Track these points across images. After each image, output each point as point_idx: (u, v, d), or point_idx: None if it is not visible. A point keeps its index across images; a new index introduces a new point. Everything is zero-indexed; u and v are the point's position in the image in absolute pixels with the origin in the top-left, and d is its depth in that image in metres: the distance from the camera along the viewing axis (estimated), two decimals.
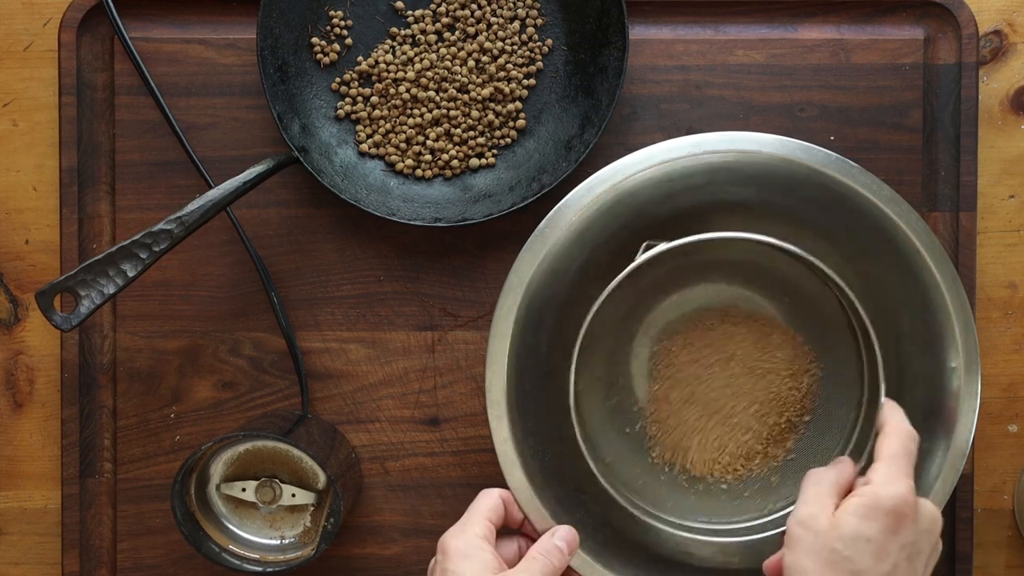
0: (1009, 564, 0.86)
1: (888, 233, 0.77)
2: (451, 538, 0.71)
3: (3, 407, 0.86)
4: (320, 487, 0.81)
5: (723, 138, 0.77)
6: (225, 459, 0.80)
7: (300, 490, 0.80)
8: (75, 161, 0.84)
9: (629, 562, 0.78)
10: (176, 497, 0.77)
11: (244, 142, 0.85)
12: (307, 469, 0.81)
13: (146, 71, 0.83)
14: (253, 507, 0.81)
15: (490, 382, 0.77)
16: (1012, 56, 0.86)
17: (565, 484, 0.79)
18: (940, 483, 0.77)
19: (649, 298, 0.83)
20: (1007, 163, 0.86)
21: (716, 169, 0.78)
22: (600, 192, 0.77)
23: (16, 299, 0.86)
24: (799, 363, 0.82)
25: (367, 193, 0.83)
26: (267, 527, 0.81)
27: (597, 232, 0.78)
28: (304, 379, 0.84)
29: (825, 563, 0.66)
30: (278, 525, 0.81)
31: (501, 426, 0.77)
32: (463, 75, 0.84)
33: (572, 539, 0.74)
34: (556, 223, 0.77)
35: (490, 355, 0.77)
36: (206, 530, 0.79)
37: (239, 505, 0.81)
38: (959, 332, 0.77)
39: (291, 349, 0.83)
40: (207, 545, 0.78)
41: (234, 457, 0.80)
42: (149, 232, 0.77)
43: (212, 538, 0.79)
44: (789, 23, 0.85)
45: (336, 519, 0.78)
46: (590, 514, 0.79)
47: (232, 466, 0.81)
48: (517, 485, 0.76)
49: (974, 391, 0.77)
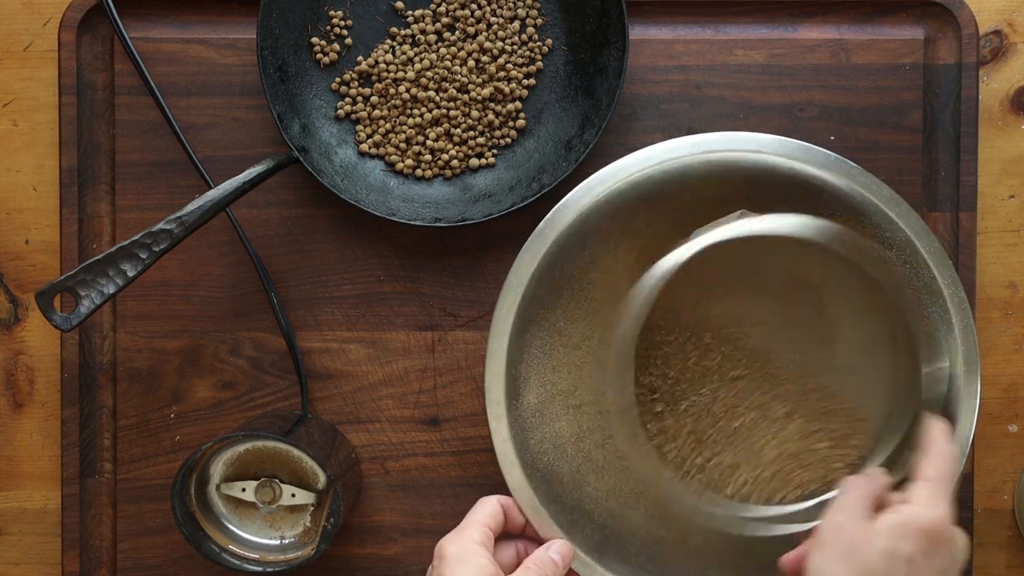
0: (1009, 564, 0.86)
1: (887, 233, 0.77)
2: (448, 543, 0.71)
3: (3, 407, 0.86)
4: (320, 487, 0.81)
5: (723, 138, 0.77)
6: (225, 459, 0.80)
7: (300, 490, 0.80)
8: (75, 161, 0.84)
9: (627, 562, 0.78)
10: (176, 497, 0.77)
11: (244, 142, 0.85)
12: (307, 469, 0.81)
13: (145, 70, 0.83)
14: (253, 507, 0.81)
15: (489, 382, 0.77)
16: (1012, 56, 0.86)
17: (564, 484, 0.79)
18: None
19: None
20: (1007, 163, 0.86)
21: (715, 169, 0.78)
22: (600, 192, 0.77)
23: (16, 299, 0.86)
24: None
25: (367, 193, 0.83)
26: (267, 527, 0.81)
27: (597, 232, 0.78)
28: (304, 379, 0.84)
29: (855, 574, 0.66)
30: (278, 525, 0.81)
31: (501, 426, 0.77)
32: (463, 75, 0.84)
33: (567, 553, 0.75)
34: (555, 223, 0.77)
35: (490, 355, 0.77)
36: (206, 530, 0.79)
37: (239, 505, 0.81)
38: (958, 332, 0.77)
39: (291, 349, 0.83)
40: (207, 545, 0.78)
41: (234, 457, 0.80)
42: (149, 232, 0.77)
43: (212, 538, 0.79)
44: (789, 23, 0.85)
45: (336, 519, 0.78)
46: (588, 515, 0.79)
47: (232, 466, 0.81)
48: (517, 485, 0.76)
49: (974, 391, 0.77)
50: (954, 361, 0.77)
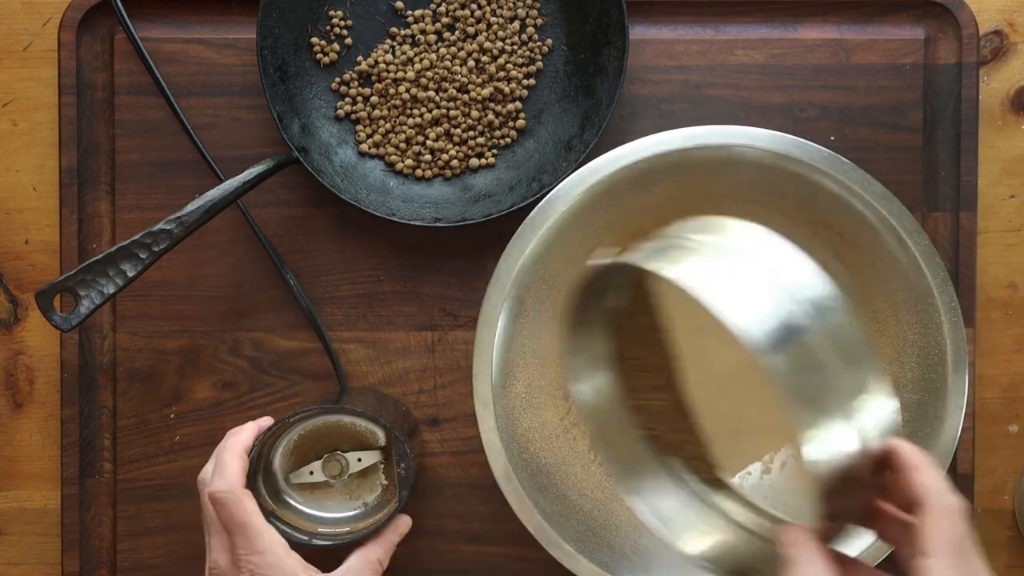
0: (1009, 564, 0.86)
1: (878, 230, 0.78)
2: None
3: (3, 407, 0.86)
4: (382, 443, 0.79)
5: (716, 132, 0.78)
6: (283, 450, 0.79)
7: (364, 452, 0.78)
8: (75, 161, 0.84)
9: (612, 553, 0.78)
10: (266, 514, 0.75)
11: (244, 142, 0.85)
12: (364, 432, 0.79)
13: (155, 68, 0.83)
14: (326, 485, 0.79)
15: (477, 371, 0.77)
16: (1012, 56, 0.86)
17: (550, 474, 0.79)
18: None
19: None
20: (1007, 163, 0.86)
21: (708, 162, 0.78)
22: (591, 183, 0.77)
23: (16, 299, 0.86)
24: None
25: (367, 193, 0.83)
26: (347, 499, 0.79)
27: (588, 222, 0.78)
28: (332, 350, 0.84)
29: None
30: (357, 494, 0.80)
31: (487, 415, 0.77)
32: (463, 75, 0.84)
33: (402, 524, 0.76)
34: (546, 213, 0.77)
35: (478, 344, 0.77)
36: (293, 524, 0.77)
37: (313, 489, 0.79)
38: (947, 331, 0.77)
39: (315, 326, 0.83)
40: (298, 538, 0.76)
41: (291, 447, 0.79)
42: (149, 232, 0.77)
43: (300, 528, 0.77)
44: (789, 23, 0.85)
45: (407, 463, 0.76)
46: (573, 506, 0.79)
47: (292, 455, 0.79)
48: (502, 474, 0.76)
49: (961, 390, 0.77)
50: (943, 360, 0.77)
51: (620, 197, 0.78)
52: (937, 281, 0.77)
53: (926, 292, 0.77)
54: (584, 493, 0.80)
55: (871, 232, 0.78)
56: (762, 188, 0.79)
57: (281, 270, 0.84)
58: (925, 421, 0.78)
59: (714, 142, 0.77)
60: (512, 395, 0.78)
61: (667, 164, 0.78)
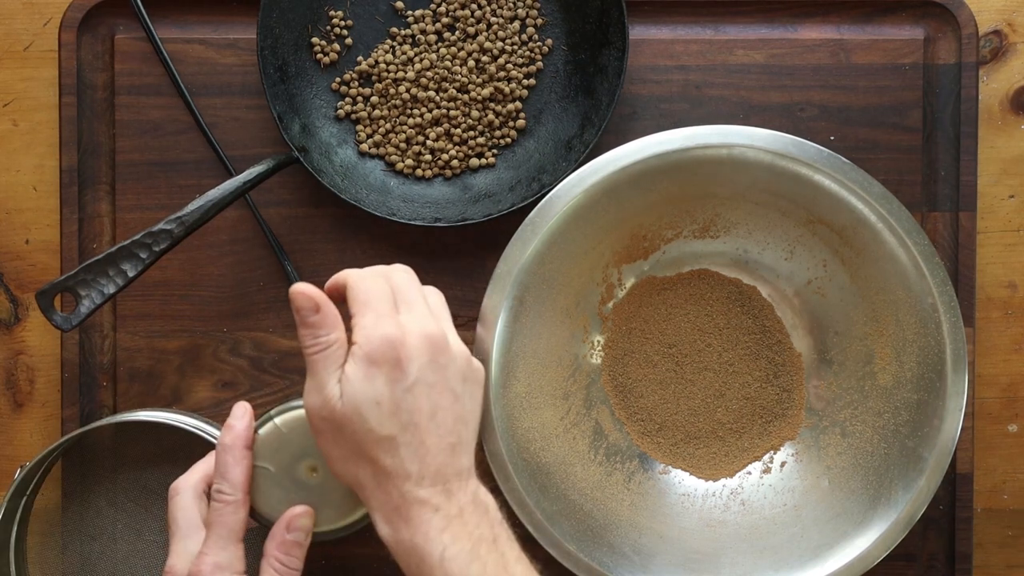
0: (1009, 564, 0.86)
1: (878, 230, 0.78)
2: None
3: (3, 407, 0.86)
4: None
5: (716, 131, 0.78)
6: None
7: None
8: (75, 161, 0.84)
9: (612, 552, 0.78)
10: None
11: (244, 142, 0.85)
12: None
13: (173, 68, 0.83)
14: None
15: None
16: (1012, 56, 0.86)
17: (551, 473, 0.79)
18: (924, 481, 0.77)
19: None
20: (1007, 163, 0.86)
21: (708, 162, 0.78)
22: (591, 183, 0.77)
23: (16, 299, 0.86)
24: None
25: (367, 193, 0.83)
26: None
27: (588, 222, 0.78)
28: None
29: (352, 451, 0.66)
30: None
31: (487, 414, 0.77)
32: (463, 75, 0.84)
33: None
34: (546, 213, 0.77)
35: (478, 343, 0.77)
36: None
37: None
38: (947, 330, 0.77)
39: None
40: None
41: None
42: (149, 232, 0.77)
43: None
44: (789, 23, 0.85)
45: None
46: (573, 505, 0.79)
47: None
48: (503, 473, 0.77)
49: (960, 390, 0.77)
50: (942, 359, 0.77)
51: (620, 197, 0.78)
52: (936, 281, 0.77)
53: (926, 292, 0.77)
54: (584, 493, 0.80)
55: (871, 232, 0.78)
56: (762, 188, 0.79)
57: (285, 268, 0.84)
58: (925, 421, 0.78)
59: (714, 142, 0.77)
60: (512, 395, 0.78)
61: (667, 164, 0.78)
